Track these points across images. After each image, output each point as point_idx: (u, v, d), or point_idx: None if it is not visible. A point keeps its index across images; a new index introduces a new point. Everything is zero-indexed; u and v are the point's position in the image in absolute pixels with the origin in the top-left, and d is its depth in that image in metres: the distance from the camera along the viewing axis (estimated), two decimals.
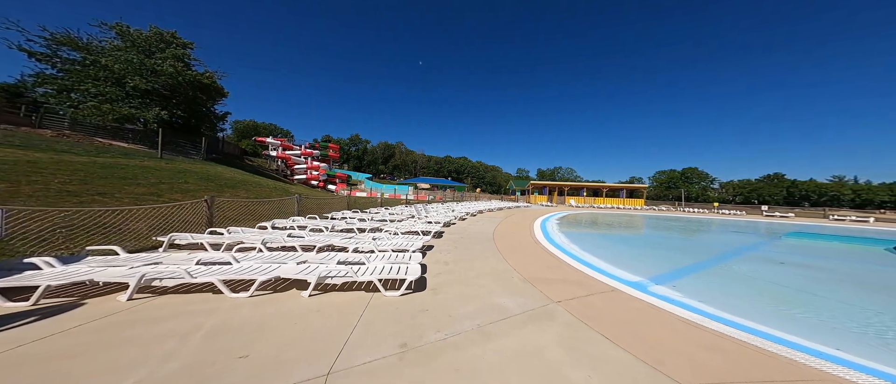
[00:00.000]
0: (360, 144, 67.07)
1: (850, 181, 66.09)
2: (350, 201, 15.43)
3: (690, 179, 74.20)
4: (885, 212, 46.39)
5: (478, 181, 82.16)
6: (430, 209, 15.15)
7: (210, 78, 19.68)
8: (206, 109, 20.05)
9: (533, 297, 3.82)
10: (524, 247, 7.34)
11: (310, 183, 30.71)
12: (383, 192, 31.85)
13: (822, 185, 64.00)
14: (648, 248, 9.56)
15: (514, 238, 8.63)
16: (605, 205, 37.78)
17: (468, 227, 10.46)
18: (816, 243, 11.83)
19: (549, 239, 8.88)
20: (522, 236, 9.07)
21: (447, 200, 29.65)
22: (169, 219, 5.92)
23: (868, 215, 33.15)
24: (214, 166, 16.51)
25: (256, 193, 12.66)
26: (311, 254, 4.77)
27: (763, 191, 66.69)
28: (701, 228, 16.73)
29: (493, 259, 5.85)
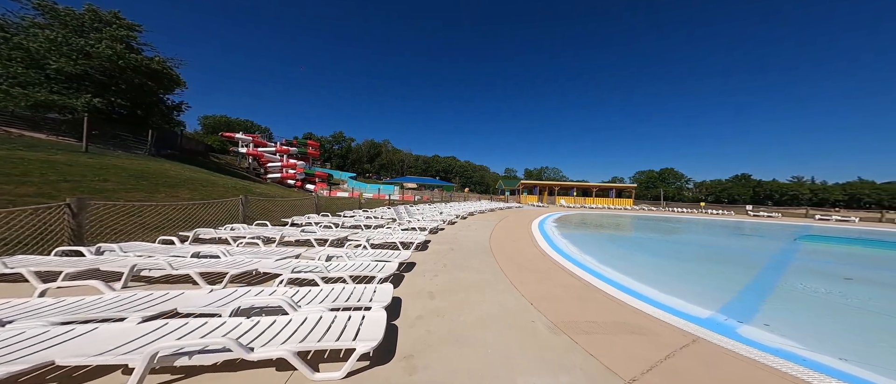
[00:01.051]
0: (343, 142, 64.16)
1: (808, 181, 71.00)
2: (322, 203, 13.41)
3: (667, 180, 76.72)
4: (840, 210, 48.43)
5: (466, 181, 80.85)
6: (415, 211, 13.39)
7: (161, 64, 17.13)
8: (155, 99, 17.40)
9: (585, 372, 2.18)
10: (533, 261, 5.73)
11: (286, 182, 28.25)
12: (363, 192, 29.75)
13: (784, 185, 68.39)
14: (679, 260, 8.12)
15: (516, 248, 7.03)
16: (596, 206, 37.08)
17: (459, 234, 8.79)
18: (842, 248, 10.92)
19: (557, 248, 7.33)
20: (525, 245, 7.48)
21: (435, 201, 27.92)
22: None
23: (851, 215, 33.93)
24: (161, 163, 14.12)
25: (205, 194, 10.52)
26: (198, 292, 2.93)
27: (733, 190, 70.02)
28: (711, 231, 15.75)
29: (499, 285, 4.20)
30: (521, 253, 6.49)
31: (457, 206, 18.68)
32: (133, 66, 15.33)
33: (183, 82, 18.93)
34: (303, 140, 34.33)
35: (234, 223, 6.79)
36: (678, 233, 14.19)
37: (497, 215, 16.29)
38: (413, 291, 3.75)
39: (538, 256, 6.24)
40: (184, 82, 19.00)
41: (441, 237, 8.03)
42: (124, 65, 14.93)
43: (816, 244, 11.48)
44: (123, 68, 15.08)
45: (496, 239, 8.20)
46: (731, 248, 10.66)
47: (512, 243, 7.66)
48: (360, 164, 64.82)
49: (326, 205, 14.56)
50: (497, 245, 7.27)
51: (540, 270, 5.07)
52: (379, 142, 70.61)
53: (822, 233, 15.93)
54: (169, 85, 17.90)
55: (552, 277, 4.67)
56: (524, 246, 7.38)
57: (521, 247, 7.12)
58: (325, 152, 56.82)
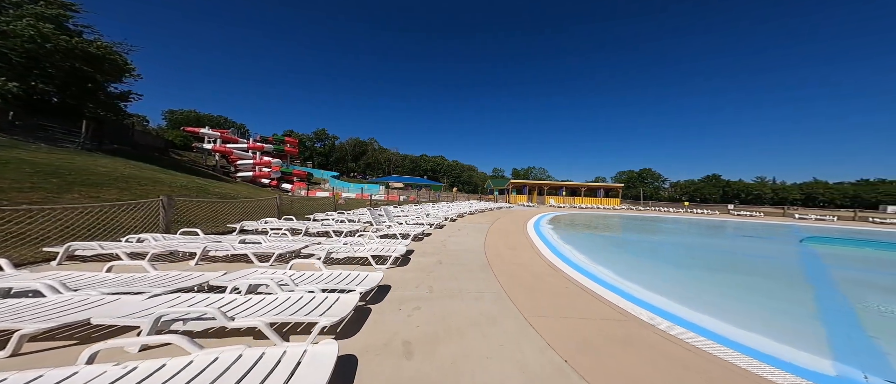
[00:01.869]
0: (326, 140, 61.42)
1: (770, 182, 76.21)
2: (286, 205, 11.76)
3: (646, 180, 79.17)
4: (798, 208, 51.10)
5: (454, 180, 79.77)
6: (398, 213, 11.98)
7: (103, 48, 14.86)
8: (91, 86, 15.03)
9: None
10: (542, 278, 4.50)
11: (259, 181, 26.04)
12: (344, 192, 27.96)
13: (749, 184, 73.67)
14: (711, 270, 7.10)
15: (517, 259, 5.80)
16: (585, 206, 36.74)
17: (449, 240, 7.50)
18: (858, 252, 10.38)
19: (565, 258, 6.16)
20: (528, 254, 6.27)
21: (422, 201, 26.52)
22: None
23: (827, 214, 35.12)
24: (96, 158, 12.03)
25: (140, 194, 8.73)
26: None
27: (704, 190, 74.16)
28: (714, 233, 15.17)
29: (508, 322, 2.92)
30: (526, 266, 5.25)
31: (445, 207, 17.39)
32: (63, 48, 13.06)
33: (132, 69, 16.62)
34: (280, 137, 32.02)
35: (154, 233, 5.19)
36: (683, 235, 13.47)
37: (488, 217, 15.11)
38: (378, 342, 2.42)
39: (547, 270, 5.02)
40: (133, 69, 16.69)
41: (427, 246, 6.70)
42: (52, 47, 12.67)
43: (828, 247, 10.96)
44: (52, 51, 12.81)
45: (492, 246, 6.95)
46: (754, 255, 9.75)
47: (511, 252, 6.44)
48: (344, 162, 62.31)
49: (298, 207, 12.91)
50: (495, 255, 6.02)
51: (556, 292, 3.84)
52: (364, 140, 68.29)
53: (818, 233, 15.71)
54: (112, 72, 15.57)
55: (575, 305, 3.44)
56: (526, 255, 6.16)
57: (524, 258, 5.89)
58: (306, 150, 54.10)
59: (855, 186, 67.35)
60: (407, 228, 7.52)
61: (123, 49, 16.69)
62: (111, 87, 17.03)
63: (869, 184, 67.31)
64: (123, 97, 17.39)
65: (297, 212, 11.30)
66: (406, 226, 8.15)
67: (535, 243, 7.75)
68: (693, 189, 76.82)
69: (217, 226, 6.75)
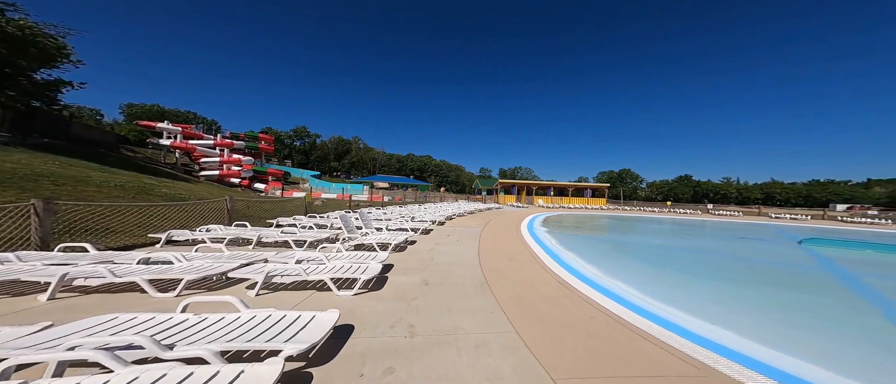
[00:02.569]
0: (307, 138, 58.51)
1: (735, 182, 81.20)
2: (240, 208, 10.27)
3: (625, 180, 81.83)
4: (772, 208, 54.11)
5: (441, 180, 78.66)
6: (379, 217, 10.69)
7: (29, 29, 12.65)
8: (11, 72, 12.68)
9: None
10: (559, 306, 3.44)
11: (227, 181, 23.86)
12: (323, 193, 26.24)
13: (717, 184, 78.51)
14: (743, 285, 6.30)
15: (521, 276, 4.74)
16: (574, 206, 36.56)
17: (437, 250, 6.35)
18: (858, 254, 10.05)
19: (576, 272, 5.17)
20: (531, 269, 5.22)
21: (408, 202, 25.22)
22: None
23: (799, 212, 36.62)
24: (6, 153, 10.02)
25: (42, 196, 7.05)
26: None
27: (677, 190, 77.91)
28: (712, 235, 14.87)
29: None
30: (533, 285, 4.19)
31: (433, 209, 16.22)
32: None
33: (68, 54, 14.34)
34: (253, 133, 29.73)
35: (19, 251, 3.72)
36: (688, 238, 12.95)
37: (479, 219, 14.07)
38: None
39: (560, 291, 3.98)
40: (70, 54, 14.41)
41: (410, 258, 5.53)
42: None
43: (829, 249, 10.60)
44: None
45: (488, 257, 5.86)
46: (764, 260, 9.12)
47: (512, 265, 5.37)
48: (326, 162, 59.67)
49: (266, 210, 11.35)
50: (493, 270, 4.93)
51: (582, 326, 2.77)
52: (348, 139, 65.82)
53: (802, 234, 15.71)
54: (40, 56, 13.25)
55: (618, 351, 2.37)
56: (530, 269, 5.11)
57: (528, 273, 4.84)
58: (285, 148, 51.15)
59: (807, 186, 73.32)
60: (386, 236, 6.30)
61: (59, 32, 14.43)
62: (44, 73, 14.66)
63: (819, 184, 73.86)
64: (54, 86, 14.92)
65: (261, 215, 9.79)
66: (386, 233, 6.93)
67: (536, 252, 6.74)
68: (667, 189, 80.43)
69: (137, 238, 5.27)
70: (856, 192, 66.77)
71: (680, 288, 5.55)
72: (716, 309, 4.37)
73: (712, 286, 5.92)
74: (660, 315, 3.30)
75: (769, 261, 8.95)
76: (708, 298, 4.98)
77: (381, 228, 7.73)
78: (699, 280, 6.40)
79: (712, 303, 4.77)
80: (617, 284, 4.58)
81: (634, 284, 4.73)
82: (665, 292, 4.89)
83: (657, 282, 5.90)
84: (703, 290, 5.51)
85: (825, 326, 4.10)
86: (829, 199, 62.04)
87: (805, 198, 68.00)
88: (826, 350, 3.27)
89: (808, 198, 67.58)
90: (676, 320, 3.20)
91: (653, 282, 5.69)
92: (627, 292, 4.20)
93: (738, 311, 4.41)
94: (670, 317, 3.30)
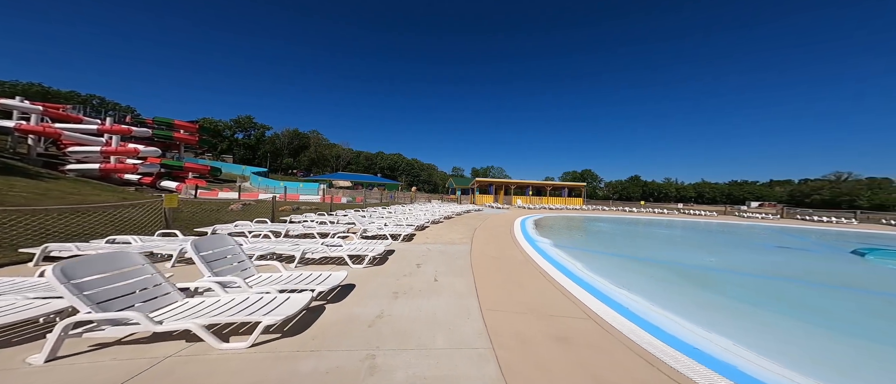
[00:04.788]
0: (253, 130, 50.40)
1: (674, 181, 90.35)
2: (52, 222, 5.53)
3: (586, 180, 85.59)
4: (692, 204, 58.31)
5: (413, 179, 74.25)
6: (311, 238, 6.53)
7: None
8: None
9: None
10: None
11: (114, 176, 17.64)
12: (260, 193, 20.88)
13: (661, 184, 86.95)
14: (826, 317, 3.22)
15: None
16: (555, 206, 34.42)
17: (396, 309, 2.44)
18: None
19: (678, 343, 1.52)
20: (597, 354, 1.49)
21: (371, 204, 20.82)
22: None
23: (768, 211, 38.03)
24: None
25: None
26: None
27: (629, 189, 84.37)
28: (749, 244, 12.58)
29: None
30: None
31: (401, 213, 12.22)
32: None
33: None
34: (165, 120, 23.19)
35: None
36: (733, 252, 10.30)
37: (460, 227, 10.34)
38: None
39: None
40: None
41: (348, 334, 1.56)
42: None
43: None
44: None
45: (498, 317, 2.07)
46: (852, 288, 6.58)
47: (555, 352, 1.63)
48: (278, 157, 52.19)
49: (137, 222, 6.56)
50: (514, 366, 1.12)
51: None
52: (305, 132, 58.58)
53: (860, 241, 14.11)
54: None
55: None
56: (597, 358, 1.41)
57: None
58: (225, 141, 43.12)
59: (729, 186, 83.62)
60: (309, 274, 2.41)
61: None
62: None
63: (737, 184, 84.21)
64: None
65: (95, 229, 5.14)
66: (305, 274, 3.00)
67: (569, 290, 3.15)
68: (621, 188, 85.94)
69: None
70: (763, 191, 77.27)
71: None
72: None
73: (832, 335, 2.84)
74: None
75: (854, 288, 6.38)
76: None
77: (301, 260, 3.63)
78: (812, 326, 3.34)
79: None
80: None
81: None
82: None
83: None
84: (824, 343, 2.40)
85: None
86: (745, 197, 70.44)
87: (727, 195, 77.07)
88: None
89: (730, 195, 76.68)
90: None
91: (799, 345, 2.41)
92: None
93: None
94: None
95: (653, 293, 4.82)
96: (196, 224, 7.40)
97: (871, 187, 55.29)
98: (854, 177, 61.70)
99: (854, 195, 53.43)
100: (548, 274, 4.92)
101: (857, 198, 52.35)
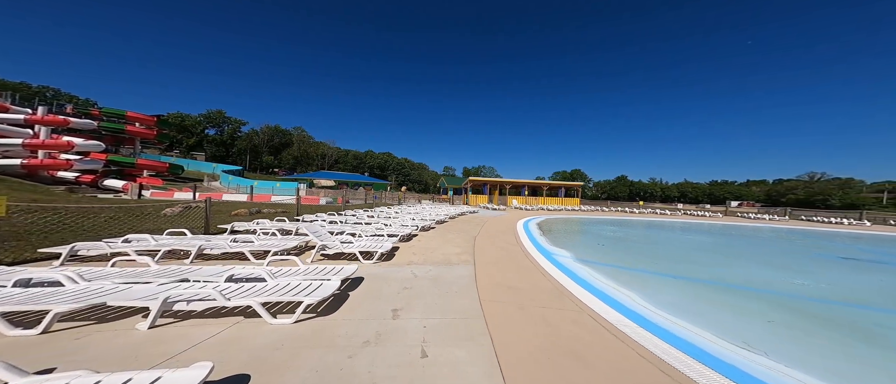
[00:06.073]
0: (226, 124, 46.60)
1: (660, 181, 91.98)
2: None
3: (576, 179, 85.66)
4: (677, 203, 58.80)
5: (403, 179, 71.88)
6: (238, 260, 4.40)
7: None
8: None
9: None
10: None
11: (42, 173, 14.84)
12: (225, 188, 18.37)
13: (647, 184, 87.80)
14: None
15: None
16: (551, 207, 32.85)
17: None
18: None
19: None
20: None
21: (353, 206, 18.57)
22: None
23: (750, 210, 37.62)
24: None
25: None
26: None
27: (617, 189, 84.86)
28: (770, 246, 11.02)
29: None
30: None
31: (384, 218, 10.09)
32: None
33: None
34: (115, 111, 20.25)
35: None
36: (764, 261, 8.56)
37: (456, 234, 8.30)
38: None
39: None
40: None
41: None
42: None
43: None
44: None
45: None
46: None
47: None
48: (257, 155, 48.79)
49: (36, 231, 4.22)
50: None
51: None
52: (287, 129, 55.22)
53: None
54: None
55: None
56: None
57: None
58: (194, 136, 39.41)
59: (710, 186, 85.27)
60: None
61: None
62: None
63: (718, 184, 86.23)
64: None
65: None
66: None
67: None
68: (610, 188, 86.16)
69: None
70: (741, 191, 79.10)
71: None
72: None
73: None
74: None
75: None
76: None
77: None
78: None
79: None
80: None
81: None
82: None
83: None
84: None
85: None
86: (725, 196, 71.52)
87: (709, 195, 78.38)
88: None
89: (711, 195, 77.90)
90: None
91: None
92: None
93: None
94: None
95: (777, 346, 2.96)
96: (40, 240, 4.88)
97: (843, 187, 56.44)
98: (827, 177, 62.97)
99: (826, 194, 54.28)
100: (603, 318, 2.98)
101: (829, 198, 53.17)
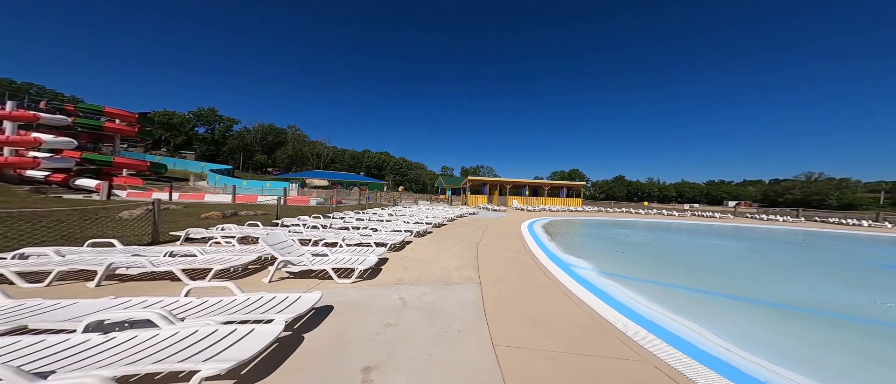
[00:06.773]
0: (217, 123, 45.16)
1: (657, 181, 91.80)
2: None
3: (574, 179, 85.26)
4: (672, 203, 58.66)
5: (401, 179, 70.79)
6: (170, 281, 3.31)
7: None
8: None
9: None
10: None
11: (14, 172, 13.63)
12: (207, 186, 17.15)
13: (644, 184, 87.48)
14: None
15: None
16: (553, 207, 31.82)
17: None
18: None
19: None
20: None
21: (342, 207, 17.45)
22: None
23: (749, 210, 36.76)
24: None
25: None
26: None
27: (615, 189, 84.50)
28: (808, 251, 10.19)
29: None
30: None
31: (374, 222, 9.00)
32: None
33: None
34: (91, 106, 18.99)
35: None
36: (816, 270, 7.52)
37: (456, 240, 7.19)
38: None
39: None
40: None
41: None
42: None
43: None
44: None
45: None
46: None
47: None
48: (250, 154, 47.43)
49: None
50: None
51: None
52: (281, 127, 53.89)
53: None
54: None
55: None
56: None
57: None
58: (182, 135, 37.85)
59: (708, 186, 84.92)
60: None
61: None
62: None
63: (715, 184, 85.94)
64: None
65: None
66: None
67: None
68: (607, 188, 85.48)
69: None
70: (738, 191, 78.67)
71: None
72: None
73: None
74: None
75: None
76: None
77: None
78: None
79: None
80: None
81: None
82: None
83: None
84: None
85: None
86: (722, 196, 71.60)
87: (706, 195, 78.32)
88: None
89: (709, 195, 77.79)
90: None
91: None
92: None
93: None
94: None
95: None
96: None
97: (840, 187, 56.01)
98: (824, 177, 62.48)
99: (824, 194, 53.80)
100: (682, 376, 1.92)
101: (827, 198, 52.68)
